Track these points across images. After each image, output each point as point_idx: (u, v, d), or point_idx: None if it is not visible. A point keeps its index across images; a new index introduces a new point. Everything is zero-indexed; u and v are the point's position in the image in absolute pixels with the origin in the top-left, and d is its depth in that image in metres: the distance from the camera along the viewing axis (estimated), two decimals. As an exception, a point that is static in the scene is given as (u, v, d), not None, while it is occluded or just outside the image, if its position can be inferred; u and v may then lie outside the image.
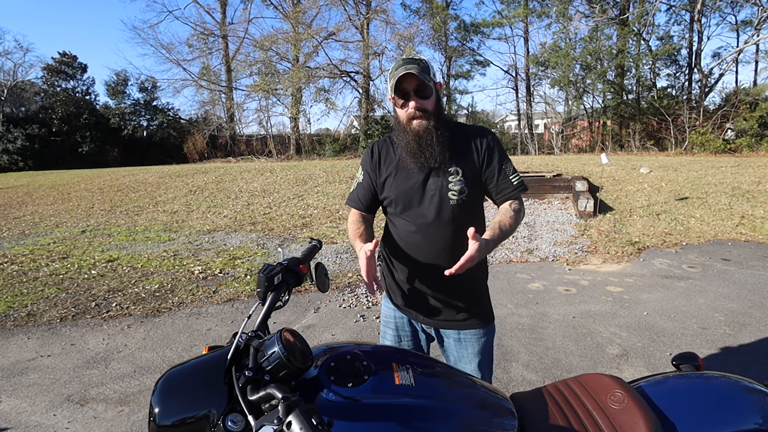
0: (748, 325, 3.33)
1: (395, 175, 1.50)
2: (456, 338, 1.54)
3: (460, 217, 1.45)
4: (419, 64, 1.38)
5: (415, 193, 1.46)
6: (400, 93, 1.40)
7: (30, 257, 5.50)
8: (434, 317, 1.53)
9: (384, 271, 1.64)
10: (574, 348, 3.06)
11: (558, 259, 5.15)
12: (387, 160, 1.54)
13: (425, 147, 1.41)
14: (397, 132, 1.50)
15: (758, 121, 15.73)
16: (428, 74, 1.38)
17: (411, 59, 1.40)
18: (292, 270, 1.21)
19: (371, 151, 1.58)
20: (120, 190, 10.74)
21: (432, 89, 1.41)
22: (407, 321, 1.60)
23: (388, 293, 1.63)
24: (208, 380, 0.92)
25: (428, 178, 1.45)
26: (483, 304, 1.56)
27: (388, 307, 1.63)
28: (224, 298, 4.11)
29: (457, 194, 1.43)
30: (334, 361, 1.02)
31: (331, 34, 20.90)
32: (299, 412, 0.74)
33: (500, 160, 1.48)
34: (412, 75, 1.35)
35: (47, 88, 22.57)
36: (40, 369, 2.91)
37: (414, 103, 1.39)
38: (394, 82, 1.37)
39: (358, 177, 1.60)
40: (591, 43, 18.81)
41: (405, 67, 1.36)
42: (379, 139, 1.64)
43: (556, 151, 19.77)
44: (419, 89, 1.39)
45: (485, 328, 1.55)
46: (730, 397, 1.20)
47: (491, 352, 1.59)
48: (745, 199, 7.44)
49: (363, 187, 1.57)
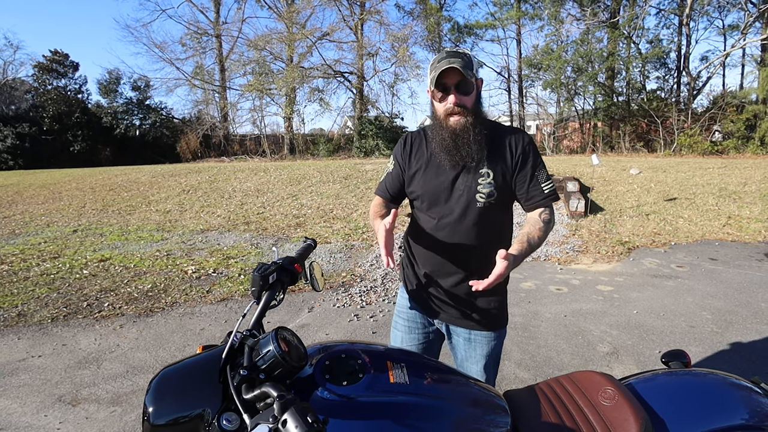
0: (734, 323, 3.39)
1: (425, 170, 1.46)
2: (466, 337, 1.52)
3: (485, 220, 1.41)
4: (463, 58, 1.32)
5: (443, 191, 1.43)
6: (440, 86, 1.34)
7: (20, 257, 5.42)
8: (447, 314, 1.52)
9: (404, 262, 1.62)
10: (565, 346, 3.09)
11: (550, 259, 5.20)
12: (418, 153, 1.49)
13: (461, 145, 1.37)
14: (432, 126, 1.44)
15: (745, 124, 15.97)
16: (471, 70, 1.33)
17: (455, 52, 1.34)
18: (286, 269, 1.21)
19: (404, 141, 1.54)
20: (112, 189, 10.64)
21: (473, 85, 1.36)
22: (420, 314, 1.58)
23: (405, 284, 1.61)
24: (203, 379, 0.92)
25: (458, 177, 1.41)
26: (499, 307, 1.52)
27: (404, 297, 1.62)
28: (218, 297, 4.09)
29: (485, 197, 1.39)
30: (329, 360, 1.03)
31: (325, 35, 20.86)
32: (294, 411, 0.74)
33: (534, 166, 1.43)
34: (454, 69, 1.29)
35: (38, 86, 22.26)
36: (30, 369, 2.88)
37: (454, 98, 1.34)
38: (435, 74, 1.31)
39: (389, 167, 1.57)
40: (582, 45, 18.97)
41: (448, 60, 1.30)
42: (414, 130, 1.60)
43: (547, 152, 19.90)
44: (460, 84, 1.33)
45: (497, 332, 1.53)
46: (718, 393, 1.22)
47: (499, 356, 1.58)
48: (732, 200, 7.55)
49: (392, 177, 1.54)
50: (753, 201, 7.44)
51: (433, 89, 1.36)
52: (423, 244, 1.51)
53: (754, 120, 16.06)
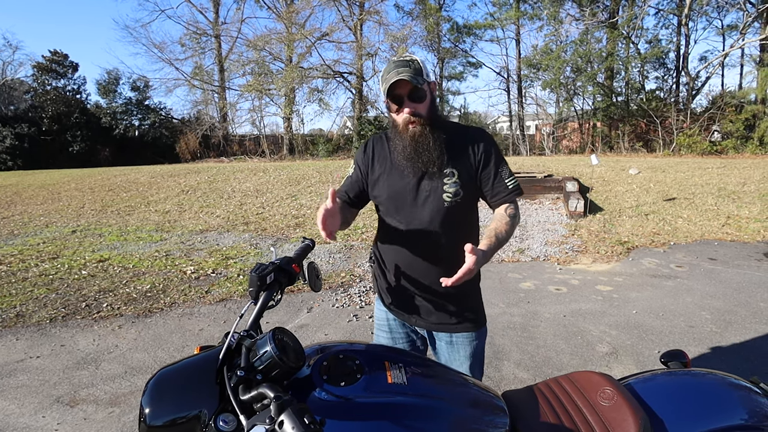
0: (733, 323, 3.39)
1: (388, 174, 1.46)
2: (448, 341, 1.52)
3: (454, 218, 1.42)
4: (411, 66, 1.33)
5: (408, 194, 1.43)
6: (393, 98, 1.36)
7: (19, 257, 5.42)
8: (426, 319, 1.51)
9: (376, 273, 1.61)
10: (564, 346, 3.09)
11: (549, 259, 5.20)
12: (381, 157, 1.50)
13: (422, 152, 1.37)
14: (392, 134, 1.46)
15: (744, 124, 16.00)
16: (421, 76, 1.33)
17: (403, 61, 1.35)
18: (284, 269, 1.20)
19: (365, 147, 1.54)
20: (111, 189, 10.63)
21: (426, 92, 1.36)
22: (400, 323, 1.57)
23: (380, 295, 1.60)
24: (200, 380, 0.92)
25: (422, 179, 1.42)
26: (475, 307, 1.54)
27: (381, 310, 1.61)
28: (217, 298, 4.08)
29: (451, 196, 1.40)
30: (327, 361, 1.02)
31: (324, 35, 20.87)
32: (291, 412, 0.74)
33: (496, 163, 1.44)
34: (403, 80, 1.31)
35: (37, 86, 22.26)
36: (28, 370, 2.87)
37: (408, 109, 1.36)
38: (386, 87, 1.32)
39: (349, 171, 1.57)
40: (581, 45, 18.99)
41: (397, 71, 1.31)
42: (375, 134, 1.60)
43: (547, 152, 19.91)
44: (412, 93, 1.34)
45: (477, 332, 1.53)
46: (717, 393, 1.22)
47: (482, 355, 1.58)
48: (731, 200, 7.56)
49: (351, 181, 1.55)
50: (752, 201, 7.44)
51: (388, 100, 1.37)
52: (393, 251, 1.50)
53: (753, 120, 16.09)
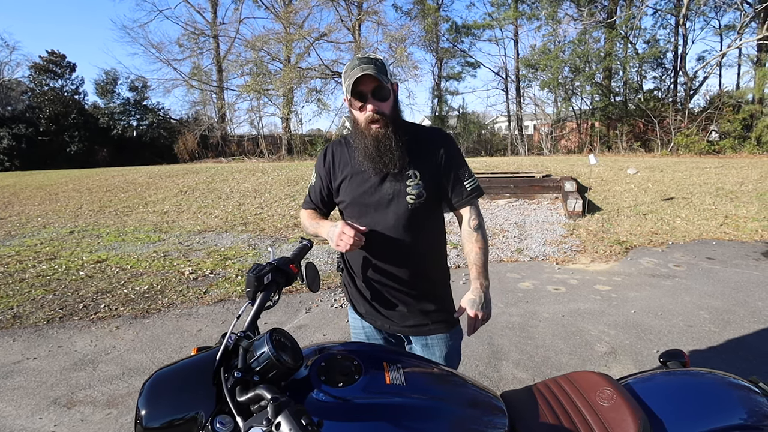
0: (732, 323, 3.39)
1: (350, 179, 1.44)
2: (423, 344, 1.51)
3: (418, 220, 1.41)
4: (376, 63, 1.30)
5: (372, 198, 1.41)
6: (356, 95, 1.31)
7: (16, 258, 5.40)
8: (399, 324, 1.50)
9: (345, 281, 1.60)
10: (563, 346, 3.09)
11: (548, 259, 5.20)
12: (342, 162, 1.47)
13: (384, 152, 1.35)
14: (354, 135, 1.42)
15: (741, 123, 16.05)
16: (385, 75, 1.31)
17: (367, 58, 1.31)
18: (282, 270, 1.20)
19: (324, 154, 1.51)
20: (109, 190, 10.60)
21: (390, 91, 1.34)
22: (375, 329, 1.56)
23: (352, 304, 1.59)
24: (197, 381, 0.91)
25: (385, 182, 1.40)
26: (447, 308, 1.53)
27: (355, 318, 1.59)
28: (215, 298, 4.07)
29: (414, 197, 1.39)
30: (325, 361, 1.02)
31: (322, 35, 20.85)
32: (288, 413, 0.73)
33: (456, 164, 1.43)
34: (369, 76, 1.27)
35: (35, 87, 22.18)
36: (25, 372, 2.86)
37: (372, 107, 1.32)
38: (351, 82, 1.28)
39: (312, 180, 1.56)
40: (579, 45, 19.01)
41: (362, 67, 1.27)
42: (334, 140, 1.58)
43: (545, 152, 19.94)
44: (377, 91, 1.31)
45: (450, 332, 1.52)
46: (716, 393, 1.22)
47: (458, 354, 1.58)
48: (729, 200, 7.57)
49: (315, 190, 1.55)
50: (750, 200, 7.46)
51: (350, 98, 1.33)
52: (359, 257, 1.48)
53: (750, 120, 16.14)
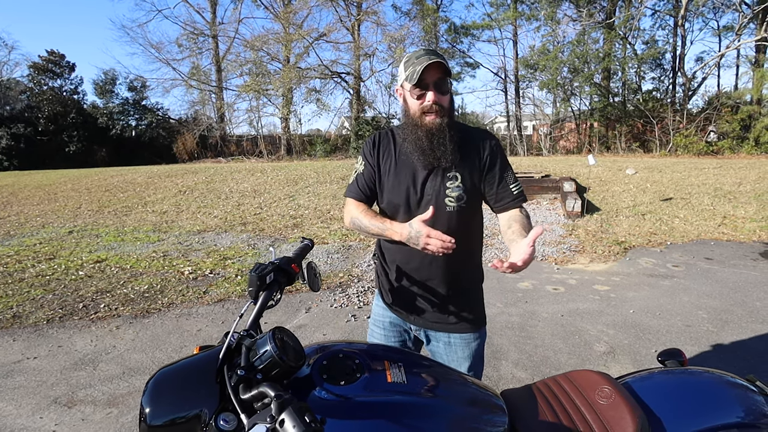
0: (730, 322, 3.41)
1: (392, 173, 1.43)
2: (446, 341, 1.50)
3: (456, 224, 1.39)
4: (443, 57, 1.31)
5: (412, 196, 1.40)
6: (420, 83, 1.30)
7: (15, 258, 5.39)
8: (424, 319, 1.50)
9: (378, 270, 1.61)
10: (562, 346, 3.10)
11: (547, 259, 5.21)
12: (386, 154, 1.46)
13: (437, 146, 1.34)
14: (405, 126, 1.40)
15: (740, 124, 16.08)
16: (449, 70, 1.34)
17: (434, 51, 1.32)
18: (283, 269, 1.20)
19: (373, 141, 1.49)
20: (108, 190, 10.59)
21: (450, 86, 1.36)
22: (396, 321, 1.57)
23: (381, 292, 1.60)
24: (200, 379, 0.92)
25: (426, 182, 1.39)
26: (475, 308, 1.51)
27: (379, 306, 1.61)
28: (215, 298, 4.08)
29: (454, 201, 1.37)
30: (327, 360, 1.03)
31: (322, 35, 20.85)
32: (292, 410, 0.74)
33: (502, 168, 1.42)
34: (439, 65, 1.27)
35: (33, 86, 22.12)
36: (26, 371, 2.86)
37: (433, 96, 1.31)
38: (419, 69, 1.26)
39: (358, 168, 1.51)
40: (578, 46, 19.03)
41: (429, 57, 1.27)
42: (381, 129, 1.56)
43: (544, 152, 19.96)
44: (439, 83, 1.31)
45: (476, 333, 1.51)
46: (714, 391, 1.23)
47: (482, 356, 1.56)
48: (727, 200, 7.60)
49: (364, 177, 1.48)
50: (748, 201, 7.48)
51: (412, 86, 1.31)
52: (395, 250, 1.47)
53: (748, 120, 16.16)
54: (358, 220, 1.44)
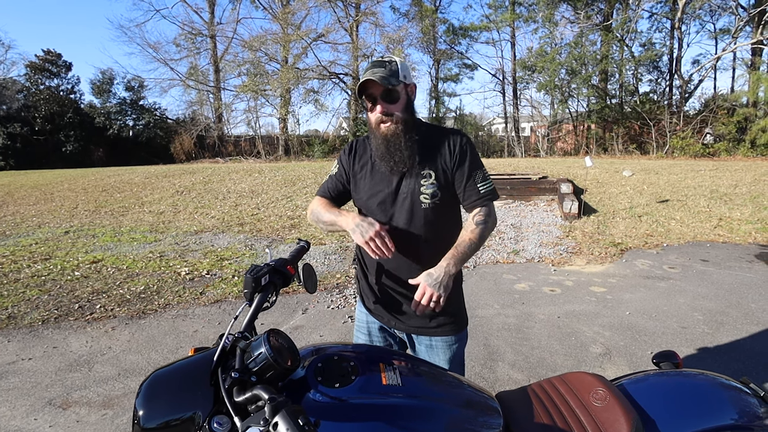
0: (725, 324, 3.42)
1: (368, 176, 1.48)
2: (428, 344, 1.51)
3: (432, 221, 1.42)
4: (387, 66, 1.35)
5: (387, 196, 1.44)
6: (368, 96, 1.37)
7: (11, 258, 5.36)
8: (406, 323, 1.51)
9: (358, 274, 1.62)
10: (558, 347, 3.11)
11: (543, 260, 5.22)
12: (362, 159, 1.51)
13: (393, 151, 1.39)
14: (369, 133, 1.48)
15: (736, 126, 16.18)
16: (395, 77, 1.34)
17: (380, 61, 1.37)
18: (279, 271, 1.20)
19: (349, 147, 1.56)
20: (105, 190, 10.55)
21: (399, 93, 1.37)
22: (379, 326, 1.57)
23: (362, 297, 1.61)
24: (194, 382, 0.92)
25: (401, 182, 1.43)
26: (455, 311, 1.52)
27: (361, 312, 1.61)
28: (211, 299, 4.07)
29: (429, 198, 1.40)
30: (322, 362, 1.03)
31: (320, 36, 20.87)
32: (286, 413, 0.74)
33: (471, 166, 1.44)
34: (373, 81, 1.32)
35: (30, 86, 22.04)
36: (20, 372, 2.85)
37: (380, 108, 1.37)
38: (357, 86, 1.36)
39: (332, 170, 1.58)
40: (576, 48, 19.13)
41: (371, 71, 1.33)
42: (360, 136, 1.62)
43: (542, 153, 20.02)
44: (385, 94, 1.35)
45: (457, 335, 1.52)
46: (709, 393, 1.23)
47: (462, 359, 1.58)
48: (723, 202, 7.63)
49: (334, 179, 1.56)
50: (743, 203, 7.52)
51: (363, 99, 1.39)
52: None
53: (744, 123, 16.27)
54: (317, 213, 1.52)
